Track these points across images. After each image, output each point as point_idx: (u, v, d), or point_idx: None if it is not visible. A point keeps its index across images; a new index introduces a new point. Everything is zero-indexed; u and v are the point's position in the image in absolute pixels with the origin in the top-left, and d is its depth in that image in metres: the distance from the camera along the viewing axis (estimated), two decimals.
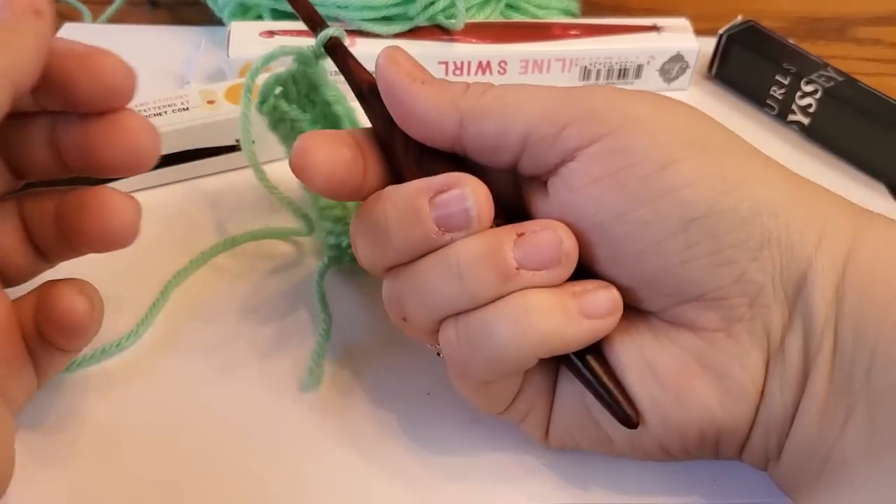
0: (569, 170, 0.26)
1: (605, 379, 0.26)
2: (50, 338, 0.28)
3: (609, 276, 0.26)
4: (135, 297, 0.35)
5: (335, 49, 0.30)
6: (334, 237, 0.35)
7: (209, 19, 0.51)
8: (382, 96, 0.27)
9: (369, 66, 0.29)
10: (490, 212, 0.26)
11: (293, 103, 0.32)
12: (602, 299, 0.26)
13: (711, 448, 0.27)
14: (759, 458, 0.27)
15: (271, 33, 0.45)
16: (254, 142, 0.32)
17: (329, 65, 0.31)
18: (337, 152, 0.27)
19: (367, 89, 0.29)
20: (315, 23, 0.30)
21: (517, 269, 0.25)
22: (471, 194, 0.25)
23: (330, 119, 0.33)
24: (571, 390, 0.28)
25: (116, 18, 0.53)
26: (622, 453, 0.28)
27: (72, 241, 0.28)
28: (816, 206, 0.25)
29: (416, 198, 0.26)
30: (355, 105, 0.30)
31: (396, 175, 0.28)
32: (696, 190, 0.24)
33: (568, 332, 0.25)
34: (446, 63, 0.46)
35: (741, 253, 0.24)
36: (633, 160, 0.25)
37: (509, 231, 0.26)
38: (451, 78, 0.46)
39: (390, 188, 0.27)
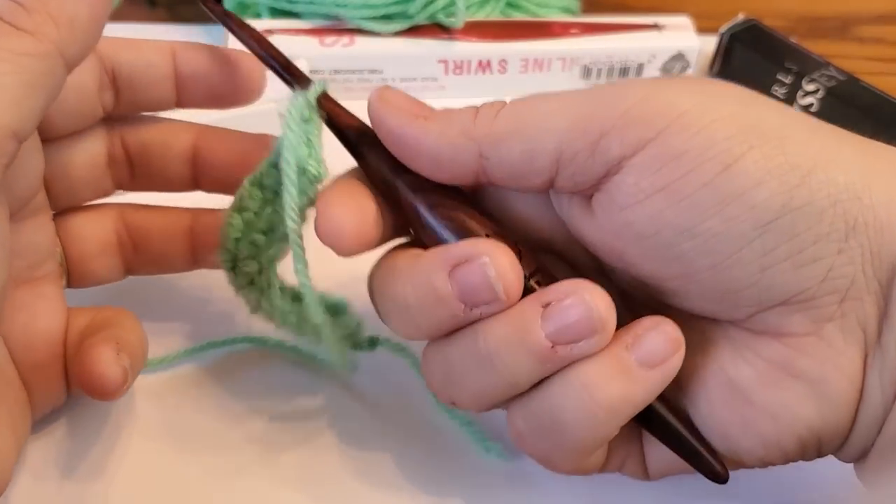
0: (615, 185, 0.23)
1: (684, 432, 0.25)
2: (82, 388, 0.26)
3: (680, 293, 0.24)
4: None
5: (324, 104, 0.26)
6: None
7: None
8: (383, 141, 0.25)
9: (366, 62, 0.27)
10: (518, 283, 0.23)
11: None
12: (659, 342, 0.23)
13: (813, 453, 0.25)
14: (857, 454, 0.25)
15: (270, 32, 0.45)
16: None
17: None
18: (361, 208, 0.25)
19: (354, 136, 0.26)
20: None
21: (552, 347, 0.23)
22: (492, 265, 0.23)
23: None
24: None
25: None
26: None
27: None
28: None
29: (434, 275, 0.23)
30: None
31: (405, 220, 0.26)
32: (767, 188, 0.22)
33: (635, 392, 0.23)
34: (446, 62, 0.46)
35: (825, 248, 0.22)
36: (689, 166, 0.22)
37: (533, 304, 0.23)
38: (450, 77, 0.46)
39: (405, 263, 0.25)
